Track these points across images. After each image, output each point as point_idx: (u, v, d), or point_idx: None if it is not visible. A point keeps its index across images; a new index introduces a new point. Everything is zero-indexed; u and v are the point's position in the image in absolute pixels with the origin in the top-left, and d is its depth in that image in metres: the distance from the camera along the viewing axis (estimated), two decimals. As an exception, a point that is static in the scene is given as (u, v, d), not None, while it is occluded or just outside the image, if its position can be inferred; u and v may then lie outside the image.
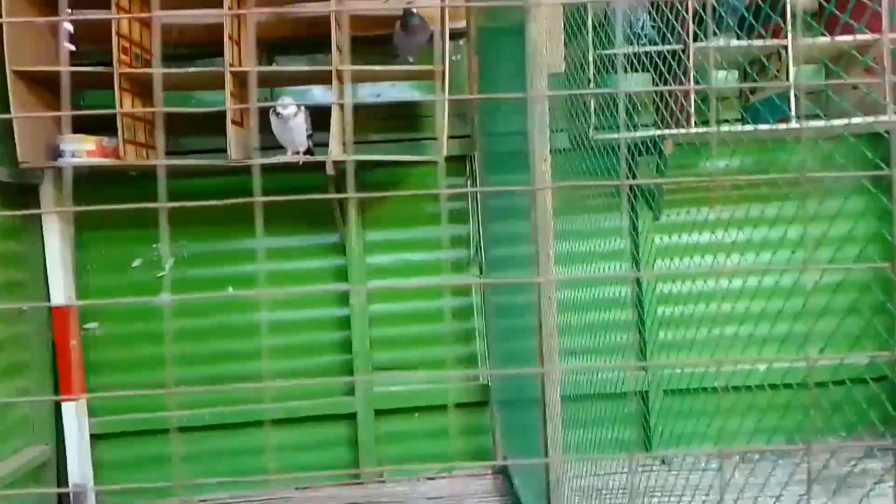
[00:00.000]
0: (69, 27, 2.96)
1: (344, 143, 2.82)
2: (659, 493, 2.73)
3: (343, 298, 3.14)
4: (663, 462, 3.11)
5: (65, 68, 2.62)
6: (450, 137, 2.89)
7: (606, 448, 3.13)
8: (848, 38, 2.89)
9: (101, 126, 2.70)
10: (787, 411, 3.20)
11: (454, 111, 3.12)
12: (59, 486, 2.90)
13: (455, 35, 3.12)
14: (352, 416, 3.14)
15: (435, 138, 3.07)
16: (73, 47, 2.99)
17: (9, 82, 2.50)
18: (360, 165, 3.03)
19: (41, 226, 2.87)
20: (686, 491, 2.68)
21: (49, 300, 2.88)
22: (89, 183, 3.00)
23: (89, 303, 3.03)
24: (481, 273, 3.13)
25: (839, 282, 3.21)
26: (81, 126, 2.81)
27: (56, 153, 2.67)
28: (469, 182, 3.17)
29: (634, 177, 3.19)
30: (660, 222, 3.20)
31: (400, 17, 2.89)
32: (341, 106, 2.87)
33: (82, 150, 2.67)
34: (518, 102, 2.12)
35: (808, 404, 3.15)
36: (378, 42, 3.09)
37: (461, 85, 3.15)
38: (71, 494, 2.89)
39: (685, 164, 3.18)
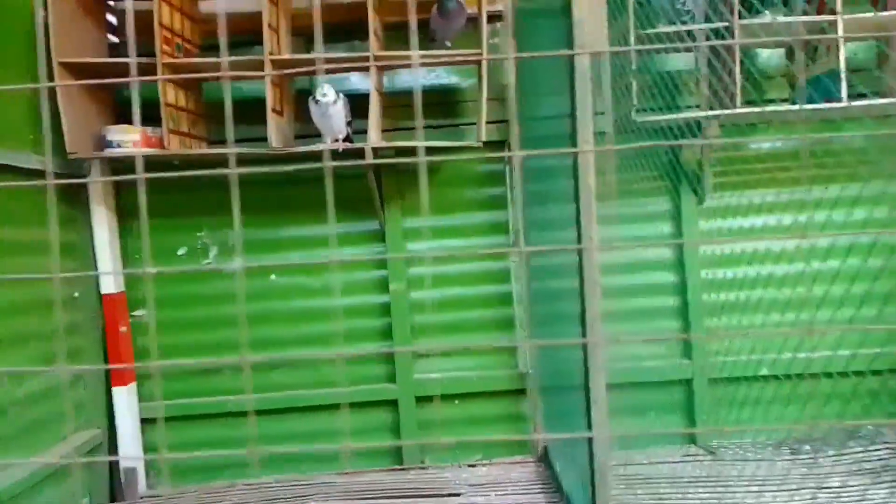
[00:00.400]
0: (112, 19, 3.02)
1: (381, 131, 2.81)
2: (707, 483, 2.68)
3: (383, 285, 3.15)
4: (710, 452, 3.05)
5: (108, 59, 2.67)
6: (488, 122, 2.86)
7: (650, 437, 3.10)
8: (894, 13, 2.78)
9: (145, 117, 2.74)
10: (838, 399, 3.13)
11: (492, 95, 3.08)
12: (110, 469, 2.98)
13: (493, 18, 3.08)
14: (393, 403, 3.16)
15: (474, 123, 3.06)
16: (116, 39, 3.04)
17: (55, 75, 2.55)
18: (399, 152, 3.02)
19: (90, 215, 2.94)
20: (738, 481, 2.64)
21: (99, 288, 2.95)
22: (134, 173, 3.05)
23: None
24: (520, 259, 3.10)
25: (893, 267, 3.11)
26: (126, 117, 2.87)
27: (103, 144, 2.72)
28: (508, 167, 3.14)
29: (678, 160, 3.12)
30: (704, 206, 3.12)
31: (437, 1, 2.86)
32: (380, 93, 2.87)
33: (128, 140, 2.72)
34: (559, 84, 2.07)
35: (859, 392, 3.09)
36: (415, 27, 3.06)
37: (499, 69, 3.12)
38: (122, 475, 2.97)
39: (731, 145, 3.09)
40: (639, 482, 2.66)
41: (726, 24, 2.79)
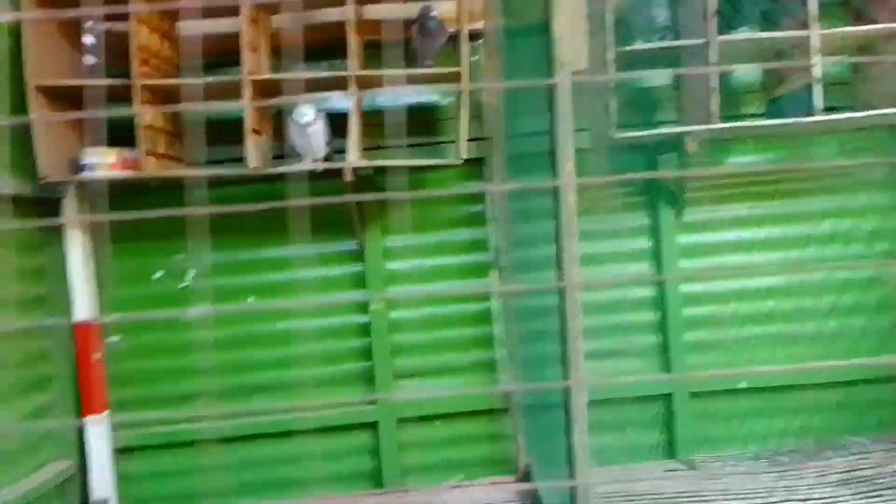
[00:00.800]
0: (92, 40, 2.97)
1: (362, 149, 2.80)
2: (690, 499, 2.68)
3: (362, 305, 3.11)
4: (690, 467, 3.05)
5: (86, 81, 2.63)
6: (468, 140, 2.86)
7: (631, 453, 3.10)
8: (874, 27, 2.83)
9: (122, 139, 2.69)
10: (818, 411, 3.16)
11: (473, 113, 3.08)
12: (82, 501, 2.89)
13: (473, 36, 3.08)
14: (373, 425, 3.11)
15: (454, 141, 3.05)
16: (95, 60, 2.99)
17: (29, 98, 2.51)
18: (379, 171, 3.00)
19: (63, 240, 2.88)
20: (715, 495, 2.65)
21: (72, 315, 2.88)
22: (111, 196, 2.99)
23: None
24: (501, 277, 3.09)
25: (869, 279, 3.17)
26: (102, 139, 2.82)
27: (78, 167, 2.67)
28: (489, 184, 3.14)
29: (656, 175, 3.15)
30: (683, 220, 3.15)
31: (417, 20, 2.87)
32: (359, 112, 2.86)
33: (104, 163, 2.67)
34: (540, 102, 2.08)
35: (839, 404, 3.13)
36: (395, 46, 3.07)
37: (485, 86, 3.12)
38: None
39: (709, 161, 3.13)
40: (619, 499, 2.65)
41: (704, 40, 2.82)
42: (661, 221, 3.14)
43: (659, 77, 3.20)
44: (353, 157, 2.73)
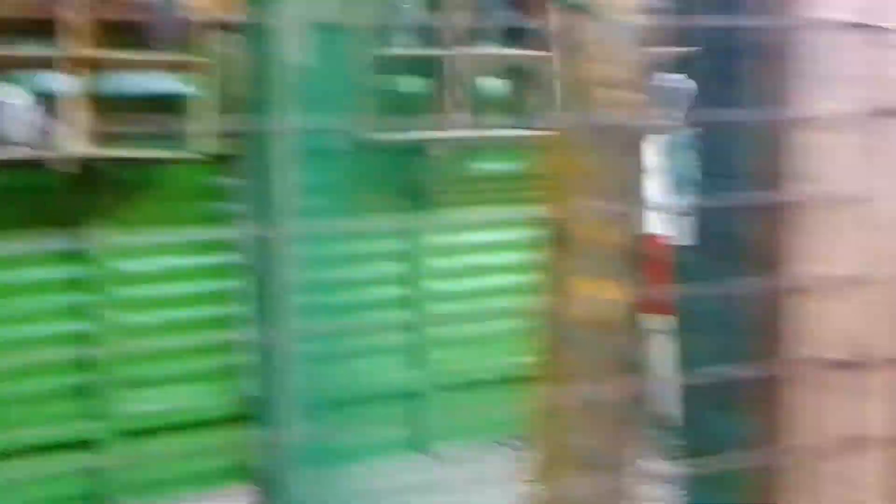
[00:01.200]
0: None
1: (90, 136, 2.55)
2: (434, 489, 2.80)
3: (81, 310, 2.81)
4: (435, 459, 3.20)
5: None
6: (216, 134, 2.74)
7: (379, 449, 3.17)
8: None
9: None
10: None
11: (221, 107, 2.95)
12: None
13: (225, 27, 2.96)
14: (92, 443, 2.82)
15: (195, 134, 2.90)
16: None
17: None
18: (109, 162, 2.75)
19: None
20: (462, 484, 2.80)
21: None
22: None
23: None
24: (246, 277, 2.99)
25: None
26: None
27: None
28: (237, 181, 3.02)
29: (405, 178, 3.25)
30: (431, 222, 3.30)
31: (157, 3, 2.70)
32: (82, 96, 2.62)
33: None
34: (266, 97, 2.04)
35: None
36: (132, 28, 2.84)
37: (232, 79, 2.99)
38: None
39: (456, 165, 3.30)
40: (363, 497, 2.69)
41: (447, 52, 3.00)
42: (410, 222, 3.26)
43: (416, 83, 3.32)
44: (74, 146, 2.48)
